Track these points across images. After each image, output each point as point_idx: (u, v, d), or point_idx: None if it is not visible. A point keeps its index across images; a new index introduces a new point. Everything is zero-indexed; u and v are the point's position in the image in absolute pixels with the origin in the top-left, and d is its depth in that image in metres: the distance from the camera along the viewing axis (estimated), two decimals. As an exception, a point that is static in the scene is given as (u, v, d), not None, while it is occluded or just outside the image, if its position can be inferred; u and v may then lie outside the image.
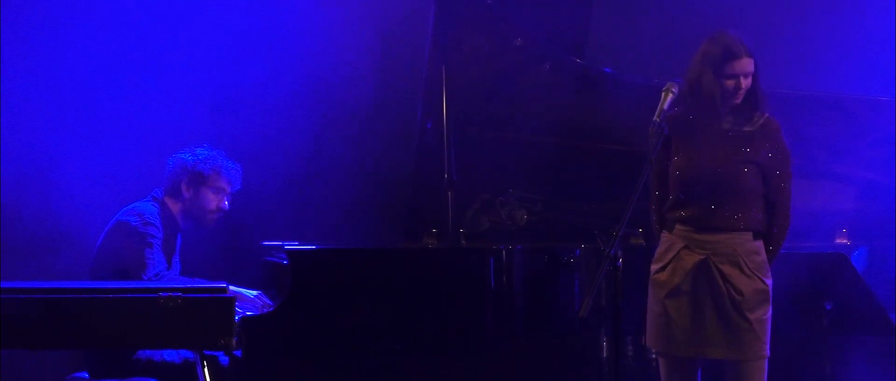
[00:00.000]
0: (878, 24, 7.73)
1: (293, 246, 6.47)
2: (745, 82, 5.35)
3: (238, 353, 6.16)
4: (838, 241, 6.77)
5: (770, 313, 5.39)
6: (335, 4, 7.82)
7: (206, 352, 5.60)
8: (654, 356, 5.70)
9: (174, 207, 6.48)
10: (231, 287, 5.60)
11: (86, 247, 7.05)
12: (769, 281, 5.38)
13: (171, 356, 6.19)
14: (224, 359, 6.19)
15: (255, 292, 6.42)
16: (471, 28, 6.81)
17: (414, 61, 7.24)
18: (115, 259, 6.30)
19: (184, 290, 5.32)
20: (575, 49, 6.96)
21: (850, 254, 6.44)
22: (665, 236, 5.49)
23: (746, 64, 5.34)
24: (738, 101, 5.38)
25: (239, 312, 6.14)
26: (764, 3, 7.93)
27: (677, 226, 5.44)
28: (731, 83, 5.34)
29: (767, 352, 5.38)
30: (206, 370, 5.52)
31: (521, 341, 6.34)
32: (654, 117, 5.32)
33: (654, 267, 5.49)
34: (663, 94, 5.40)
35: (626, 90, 6.85)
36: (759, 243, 5.40)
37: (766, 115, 5.44)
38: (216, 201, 6.50)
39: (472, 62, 6.86)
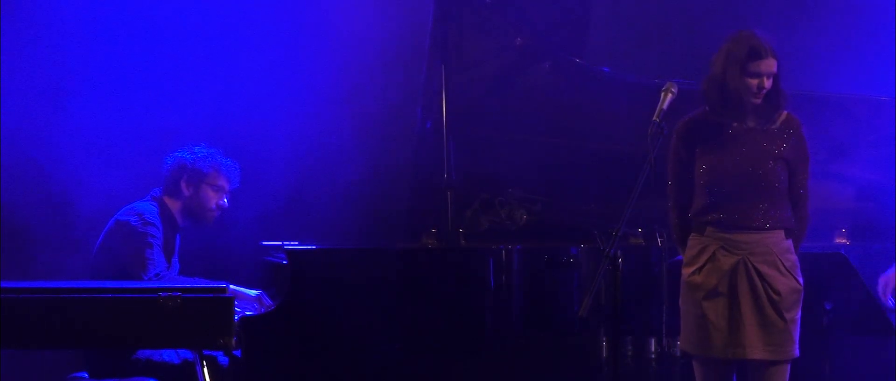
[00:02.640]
0: (878, 24, 7.73)
1: (293, 246, 6.47)
2: (767, 82, 5.35)
3: (238, 353, 6.16)
4: (838, 241, 6.77)
5: (800, 313, 5.39)
6: (335, 4, 7.82)
7: (206, 352, 5.60)
8: (678, 355, 5.69)
9: (173, 205, 6.48)
10: (231, 286, 5.60)
11: (86, 246, 7.05)
12: (802, 281, 5.38)
13: (170, 356, 6.19)
14: (223, 359, 6.19)
15: (255, 292, 6.42)
16: (471, 28, 6.80)
17: (414, 61, 7.23)
18: (114, 260, 6.29)
19: (183, 290, 5.32)
20: (575, 49, 6.96)
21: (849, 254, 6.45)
22: (695, 238, 5.45)
23: (770, 64, 5.33)
24: (758, 101, 5.36)
25: (239, 311, 6.14)
26: (764, 4, 7.92)
27: (709, 228, 5.42)
28: (754, 82, 5.33)
29: (797, 352, 5.38)
30: (205, 369, 5.52)
31: (520, 341, 6.34)
32: (654, 117, 5.31)
33: (687, 271, 5.44)
34: (663, 94, 5.39)
35: (626, 90, 6.85)
36: (790, 242, 5.40)
37: (786, 112, 5.45)
38: (216, 198, 6.50)
39: (471, 62, 6.86)
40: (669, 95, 5.37)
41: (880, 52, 7.64)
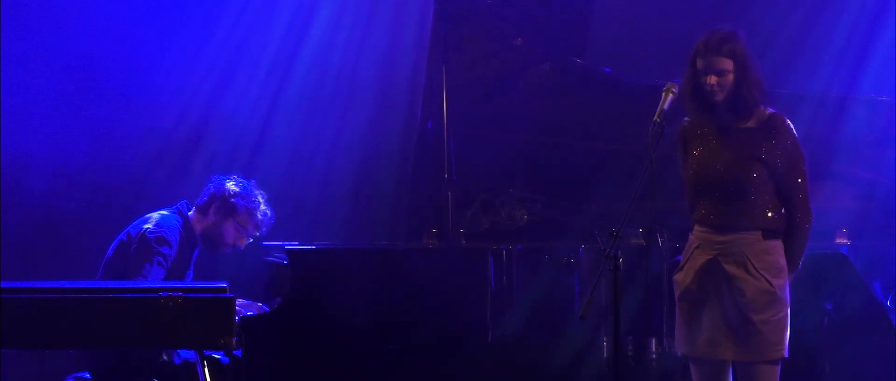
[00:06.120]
0: (879, 25, 7.73)
1: (293, 246, 6.47)
2: (719, 80, 5.27)
3: (238, 353, 6.16)
4: (838, 241, 6.77)
5: (784, 314, 5.29)
6: (336, 5, 7.83)
7: (207, 352, 5.60)
8: (678, 355, 5.70)
9: (198, 223, 6.46)
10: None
11: (86, 246, 7.05)
12: (779, 282, 5.29)
13: (170, 355, 6.20)
14: (224, 359, 6.19)
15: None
16: (471, 28, 6.81)
17: (414, 62, 7.23)
18: (121, 262, 6.29)
19: (184, 290, 5.32)
20: (575, 49, 6.96)
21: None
22: (689, 237, 5.48)
23: (717, 62, 5.26)
24: (716, 99, 5.31)
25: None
26: (764, 3, 7.92)
27: (696, 227, 5.42)
28: (702, 79, 5.30)
29: (783, 354, 5.29)
30: (206, 369, 5.52)
31: (520, 341, 6.34)
32: (654, 117, 5.30)
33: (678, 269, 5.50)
34: (663, 94, 5.37)
35: (626, 90, 6.85)
36: (773, 243, 5.32)
37: (771, 111, 5.38)
38: (235, 237, 6.48)
39: (472, 62, 6.86)
40: (670, 95, 5.35)
41: (880, 52, 7.64)
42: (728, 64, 5.27)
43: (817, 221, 5.48)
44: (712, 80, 5.27)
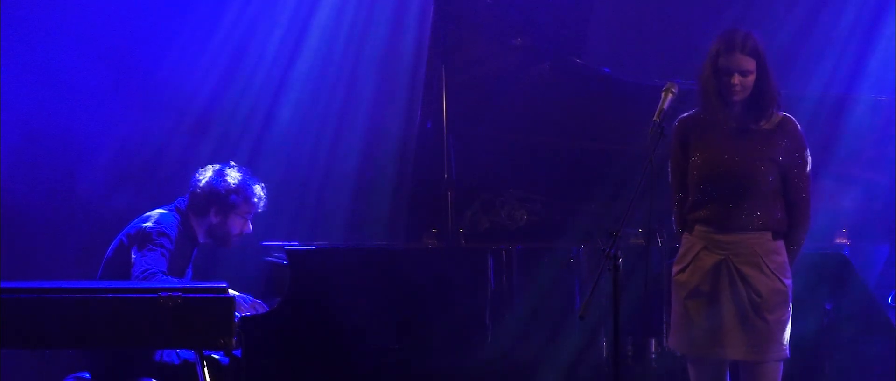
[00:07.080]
0: (879, 25, 7.73)
1: (293, 246, 6.47)
2: (743, 80, 5.30)
3: (238, 353, 6.16)
4: (838, 241, 6.77)
5: (790, 314, 5.34)
6: (335, 4, 7.83)
7: (206, 352, 5.60)
8: (678, 355, 5.70)
9: (197, 224, 6.46)
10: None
11: (86, 246, 7.05)
12: (789, 282, 5.33)
13: (170, 356, 6.19)
14: (224, 359, 6.19)
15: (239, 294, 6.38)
16: (471, 28, 6.81)
17: (414, 62, 7.23)
18: (121, 261, 6.29)
19: (184, 290, 5.32)
20: (575, 49, 6.96)
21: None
22: (686, 237, 5.45)
23: (741, 60, 5.28)
24: (736, 98, 5.33)
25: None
26: (764, 4, 7.92)
27: (697, 227, 5.40)
28: (725, 79, 5.32)
29: (786, 354, 5.33)
30: (205, 369, 5.52)
31: (521, 341, 6.34)
32: (654, 117, 5.30)
33: (675, 269, 5.45)
34: (663, 94, 5.37)
35: (626, 90, 6.85)
36: (780, 243, 5.35)
37: (784, 113, 5.40)
38: (242, 225, 6.49)
39: (471, 62, 6.86)
40: (670, 96, 5.36)
41: (880, 52, 7.64)
42: (751, 64, 5.30)
43: (817, 221, 5.49)
44: (736, 79, 5.29)
